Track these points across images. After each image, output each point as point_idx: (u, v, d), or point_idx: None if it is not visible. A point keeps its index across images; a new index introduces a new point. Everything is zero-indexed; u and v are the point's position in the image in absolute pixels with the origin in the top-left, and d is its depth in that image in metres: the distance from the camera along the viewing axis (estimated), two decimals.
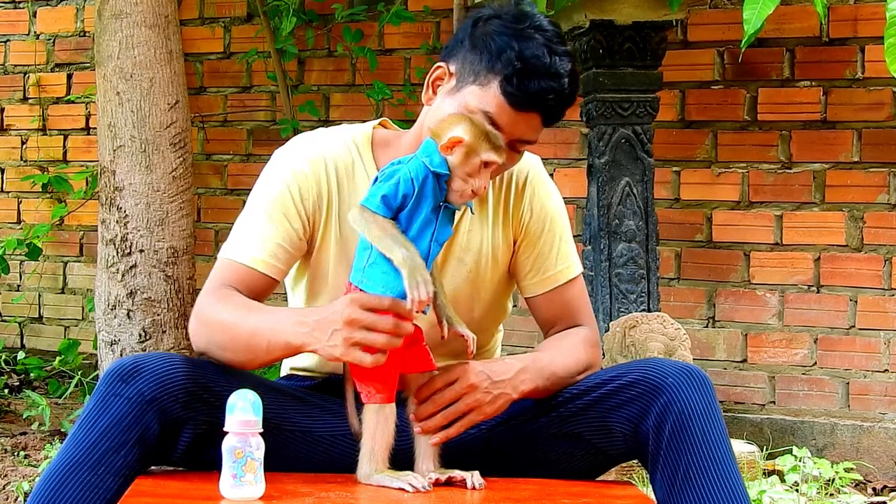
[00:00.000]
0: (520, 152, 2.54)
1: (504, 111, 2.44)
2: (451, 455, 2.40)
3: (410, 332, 2.27)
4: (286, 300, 2.79)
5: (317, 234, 2.61)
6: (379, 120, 2.75)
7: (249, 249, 2.55)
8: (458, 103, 2.47)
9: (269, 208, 2.57)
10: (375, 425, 2.32)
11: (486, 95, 2.45)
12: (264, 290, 2.57)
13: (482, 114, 2.43)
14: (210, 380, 2.42)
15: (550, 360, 2.55)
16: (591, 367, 2.64)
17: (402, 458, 2.36)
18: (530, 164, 2.71)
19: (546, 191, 2.71)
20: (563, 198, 5.16)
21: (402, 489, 2.26)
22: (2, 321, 6.55)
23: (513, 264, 2.71)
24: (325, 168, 2.59)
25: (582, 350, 2.63)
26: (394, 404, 2.35)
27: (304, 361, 2.73)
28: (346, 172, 2.60)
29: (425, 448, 2.36)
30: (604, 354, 4.39)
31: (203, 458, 2.40)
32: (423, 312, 2.27)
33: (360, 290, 2.30)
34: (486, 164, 2.32)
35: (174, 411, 2.35)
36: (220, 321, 2.46)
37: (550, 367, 2.53)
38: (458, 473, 2.34)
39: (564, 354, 2.59)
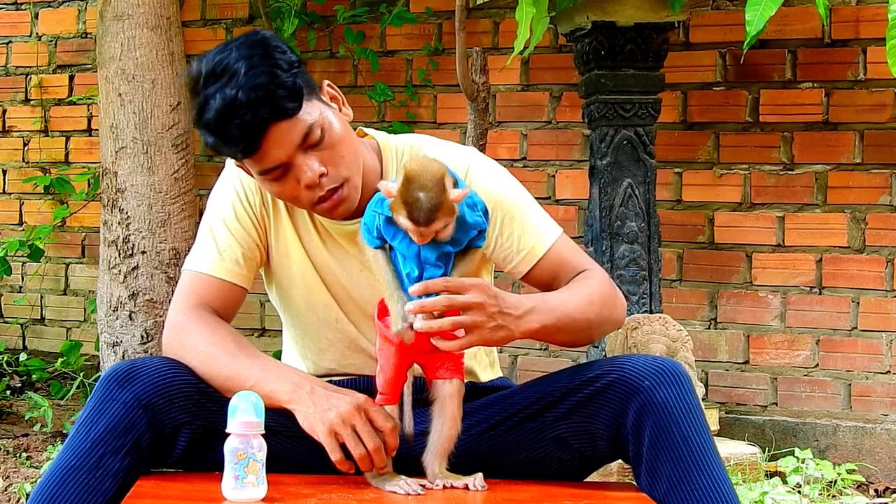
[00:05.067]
0: (324, 139, 2.43)
1: (260, 160, 2.42)
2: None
3: (383, 464, 2.31)
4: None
5: (270, 237, 2.65)
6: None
7: (212, 259, 2.60)
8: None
9: (224, 215, 2.63)
10: None
11: (250, 171, 2.50)
12: (235, 298, 2.62)
13: (264, 179, 2.47)
14: (206, 384, 2.44)
15: (562, 301, 2.46)
16: (607, 303, 2.55)
17: (407, 459, 2.37)
18: (464, 160, 2.63)
19: (483, 180, 2.59)
20: (565, 199, 5.19)
21: (394, 492, 2.27)
22: (4, 322, 6.55)
23: (489, 258, 2.65)
24: None
25: (596, 287, 2.55)
26: (395, 406, 2.35)
27: (303, 365, 2.74)
28: None
29: (434, 450, 2.36)
30: (605, 356, 4.39)
31: (201, 461, 2.42)
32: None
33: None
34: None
35: (170, 415, 2.37)
36: (202, 352, 2.47)
37: (562, 308, 2.44)
38: (461, 482, 2.34)
39: (577, 294, 2.50)
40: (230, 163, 2.68)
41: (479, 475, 2.35)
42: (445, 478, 2.34)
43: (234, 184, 2.65)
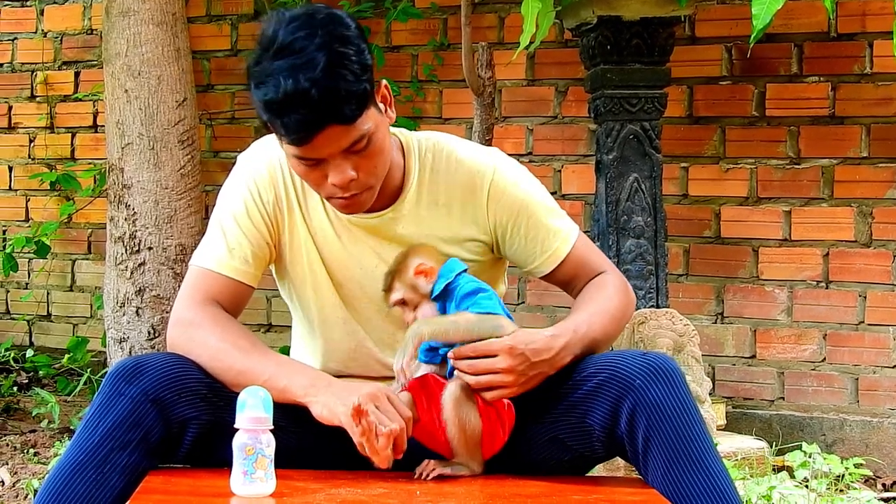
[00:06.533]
0: (367, 148, 2.42)
1: (304, 151, 2.39)
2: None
3: (404, 447, 2.32)
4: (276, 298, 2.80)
5: (283, 235, 2.65)
6: None
7: (220, 256, 2.59)
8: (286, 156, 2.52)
9: (236, 212, 2.62)
10: None
11: (286, 153, 2.46)
12: (242, 296, 2.62)
13: (296, 160, 2.43)
14: (214, 379, 2.44)
15: (590, 325, 2.54)
16: (626, 314, 2.66)
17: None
18: (490, 163, 2.65)
19: (510, 183, 2.65)
20: (571, 194, 5.17)
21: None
22: (10, 319, 6.55)
23: (509, 257, 2.71)
24: (281, 170, 2.63)
25: (615, 298, 2.64)
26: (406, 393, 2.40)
27: (311, 362, 2.75)
28: None
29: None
30: (611, 348, 4.38)
31: (208, 457, 2.41)
32: None
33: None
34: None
35: (177, 410, 2.36)
36: (212, 347, 2.48)
37: (590, 334, 2.52)
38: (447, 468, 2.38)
39: (601, 312, 2.59)
40: (242, 158, 2.68)
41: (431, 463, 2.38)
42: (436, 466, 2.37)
43: (247, 180, 2.63)
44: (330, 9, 2.41)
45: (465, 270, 2.49)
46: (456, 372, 2.39)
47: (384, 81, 2.50)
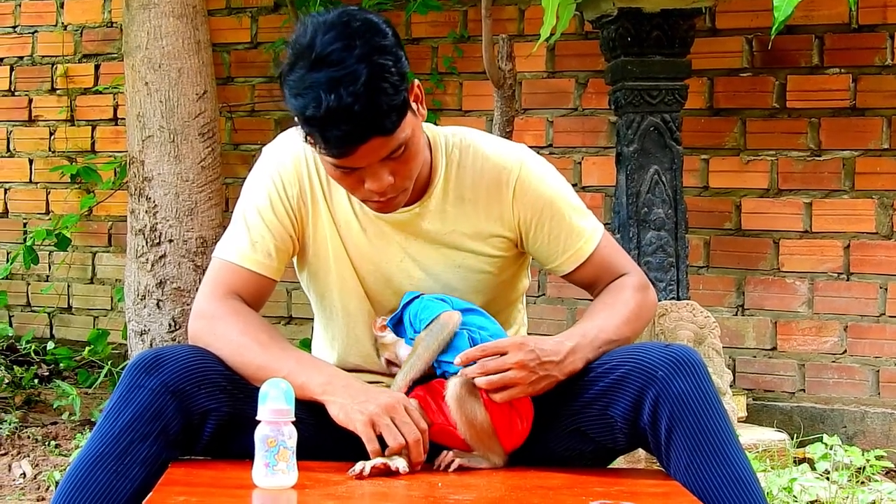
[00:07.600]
0: (404, 154, 2.43)
1: (342, 163, 2.38)
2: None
3: (421, 458, 2.35)
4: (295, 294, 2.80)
5: (307, 229, 2.65)
6: None
7: (243, 249, 2.60)
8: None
9: (260, 205, 2.62)
10: None
11: (322, 159, 2.45)
12: (264, 290, 2.63)
13: (332, 167, 2.42)
14: (233, 371, 2.45)
15: (601, 328, 2.54)
16: (642, 316, 2.65)
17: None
18: (517, 160, 2.65)
19: (536, 179, 2.65)
20: (591, 186, 5.16)
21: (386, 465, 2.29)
22: (31, 311, 6.57)
23: (532, 254, 2.72)
24: (306, 163, 2.62)
25: (632, 301, 2.64)
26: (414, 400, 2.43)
27: (331, 356, 2.75)
28: None
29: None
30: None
31: (228, 449, 2.42)
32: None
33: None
34: None
35: (198, 401, 2.37)
36: (232, 341, 2.49)
37: (602, 336, 2.53)
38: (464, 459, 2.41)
39: (613, 315, 2.59)
40: (267, 150, 2.68)
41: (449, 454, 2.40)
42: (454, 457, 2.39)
43: (272, 173, 2.63)
44: (365, 14, 2.41)
45: (416, 297, 2.53)
46: (460, 371, 2.40)
47: (416, 81, 2.50)
